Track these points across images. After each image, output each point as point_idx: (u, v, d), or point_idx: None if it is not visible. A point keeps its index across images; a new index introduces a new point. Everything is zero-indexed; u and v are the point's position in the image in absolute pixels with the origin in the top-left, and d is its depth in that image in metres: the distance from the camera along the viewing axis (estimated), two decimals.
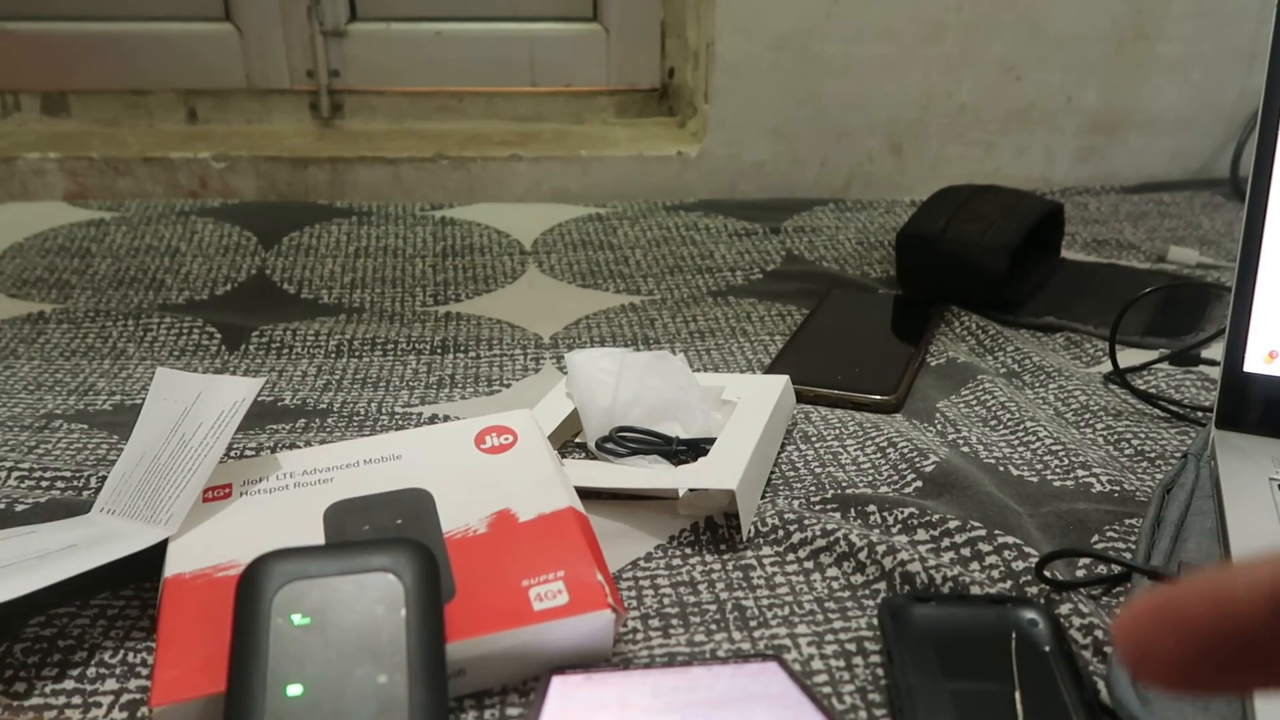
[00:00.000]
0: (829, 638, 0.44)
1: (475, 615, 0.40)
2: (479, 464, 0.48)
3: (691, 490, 0.52)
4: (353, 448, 0.49)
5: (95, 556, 0.42)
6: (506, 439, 0.50)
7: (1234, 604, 0.18)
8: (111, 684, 0.41)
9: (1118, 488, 0.54)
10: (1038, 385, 0.67)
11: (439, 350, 0.73)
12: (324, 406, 0.64)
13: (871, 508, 0.52)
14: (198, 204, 1.00)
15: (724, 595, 0.47)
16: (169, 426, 0.50)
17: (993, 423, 0.62)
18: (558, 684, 0.38)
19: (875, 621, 0.45)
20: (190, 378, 0.53)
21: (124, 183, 1.03)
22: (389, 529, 0.45)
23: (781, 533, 0.50)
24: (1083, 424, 0.62)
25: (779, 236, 0.95)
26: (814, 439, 0.60)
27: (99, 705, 0.40)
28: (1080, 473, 0.56)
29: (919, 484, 0.55)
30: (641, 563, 0.49)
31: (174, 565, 0.43)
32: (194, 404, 0.50)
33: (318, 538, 0.44)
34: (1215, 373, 0.64)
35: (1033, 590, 0.46)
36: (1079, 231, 0.96)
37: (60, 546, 0.45)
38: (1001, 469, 0.57)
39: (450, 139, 1.09)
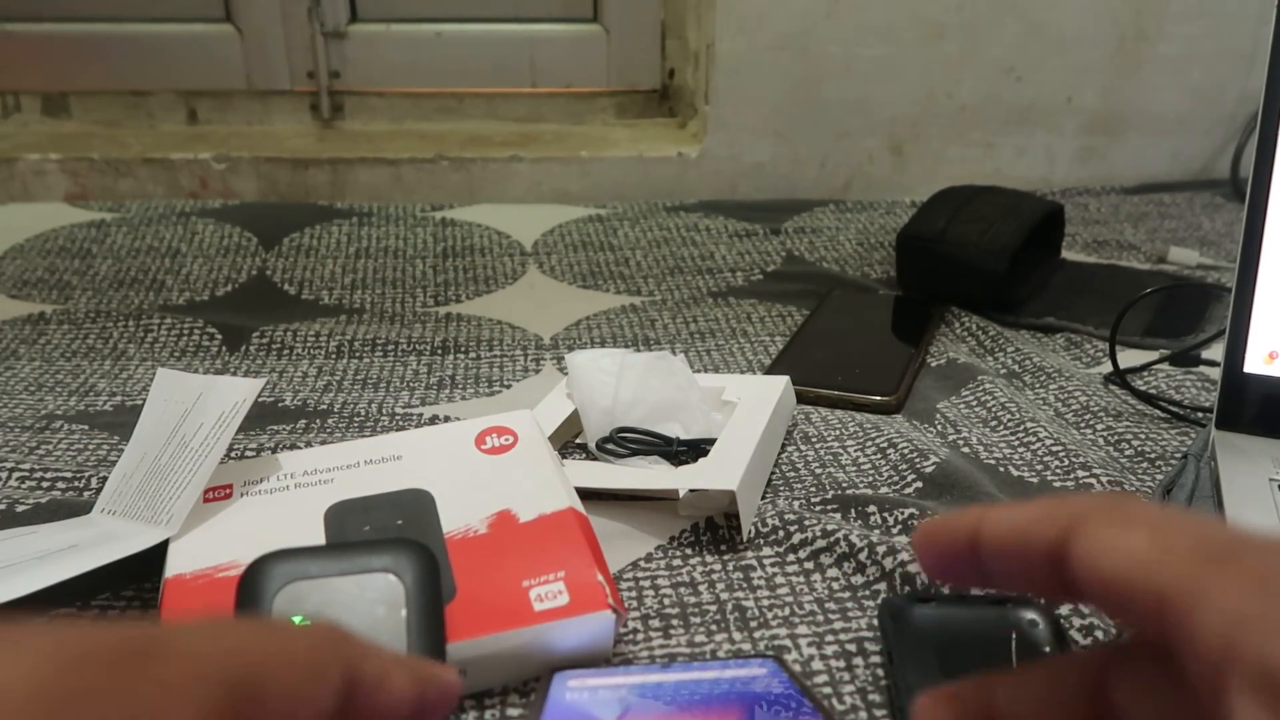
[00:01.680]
0: (829, 638, 0.44)
1: (476, 616, 0.40)
2: (479, 465, 0.48)
3: (692, 491, 0.52)
4: (353, 448, 0.49)
5: (96, 557, 0.42)
6: (507, 439, 0.50)
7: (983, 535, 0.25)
8: None
9: (1118, 488, 0.54)
10: (1038, 386, 0.67)
11: (439, 351, 0.73)
12: (324, 407, 0.64)
13: (872, 508, 0.52)
14: (198, 205, 1.00)
15: (724, 596, 0.47)
16: (170, 427, 0.50)
17: (993, 423, 0.62)
18: (558, 684, 0.38)
19: (875, 622, 0.45)
20: (191, 378, 0.53)
21: (125, 184, 1.03)
22: (389, 529, 0.45)
23: (782, 533, 0.50)
24: (1083, 425, 0.62)
25: (779, 237, 0.95)
26: (814, 439, 0.60)
27: None
28: (1081, 473, 0.56)
29: (919, 485, 0.55)
30: (642, 563, 0.49)
31: (175, 566, 0.43)
32: (195, 405, 0.50)
33: (318, 538, 0.44)
34: (1215, 373, 0.64)
35: None
36: (1079, 232, 0.96)
37: (61, 547, 0.45)
38: (1002, 470, 0.57)
39: (450, 140, 1.09)
